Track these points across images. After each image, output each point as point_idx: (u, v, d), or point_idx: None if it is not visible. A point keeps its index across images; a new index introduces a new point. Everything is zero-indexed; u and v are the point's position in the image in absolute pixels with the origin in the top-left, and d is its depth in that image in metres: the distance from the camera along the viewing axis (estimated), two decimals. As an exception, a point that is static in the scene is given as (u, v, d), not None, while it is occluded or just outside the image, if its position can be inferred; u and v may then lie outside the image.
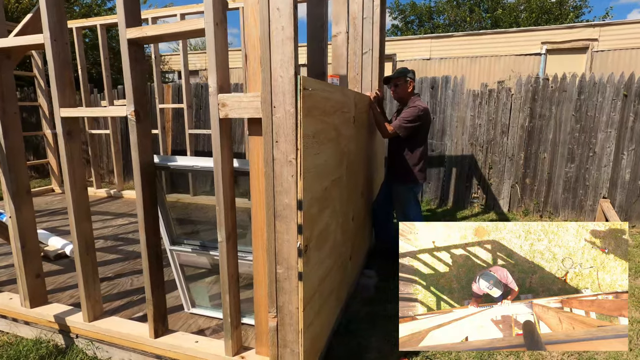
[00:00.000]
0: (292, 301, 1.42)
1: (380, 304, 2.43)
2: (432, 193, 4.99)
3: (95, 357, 1.85)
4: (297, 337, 1.44)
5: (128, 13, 1.43)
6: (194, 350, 1.64)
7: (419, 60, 9.17)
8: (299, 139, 1.28)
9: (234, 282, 1.56)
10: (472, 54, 8.80)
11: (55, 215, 4.10)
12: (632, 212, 4.19)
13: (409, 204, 2.76)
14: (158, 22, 4.57)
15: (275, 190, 1.35)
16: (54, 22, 1.58)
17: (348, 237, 2.22)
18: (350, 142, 2.10)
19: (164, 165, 1.64)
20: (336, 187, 1.83)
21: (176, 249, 1.88)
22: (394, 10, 17.50)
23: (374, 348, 1.98)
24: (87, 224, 1.79)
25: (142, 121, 1.54)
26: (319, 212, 1.54)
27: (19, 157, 1.89)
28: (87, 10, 8.70)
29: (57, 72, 1.62)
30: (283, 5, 1.20)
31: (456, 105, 4.74)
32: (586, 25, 7.92)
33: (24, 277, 1.94)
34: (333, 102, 1.61)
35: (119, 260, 2.80)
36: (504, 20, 15.06)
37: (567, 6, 15.09)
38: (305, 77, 1.27)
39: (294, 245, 1.37)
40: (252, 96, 1.33)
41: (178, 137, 6.13)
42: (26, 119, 6.97)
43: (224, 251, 1.49)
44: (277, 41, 1.23)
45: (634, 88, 3.99)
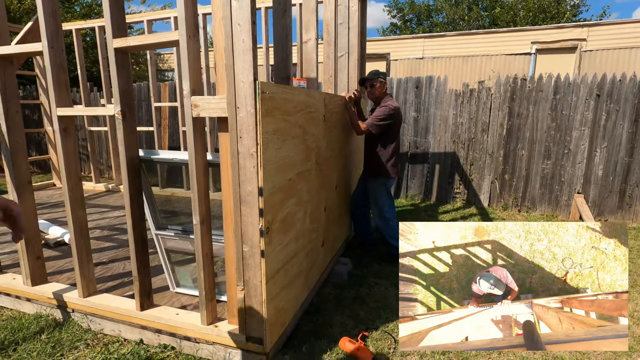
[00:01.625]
0: (257, 276, 1.64)
1: (351, 288, 2.65)
2: (416, 188, 5.20)
3: (89, 328, 2.08)
4: (261, 307, 1.67)
5: (115, 25, 1.65)
6: (174, 321, 1.87)
7: (412, 59, 9.34)
8: (258, 135, 1.49)
9: (208, 260, 1.79)
10: (465, 54, 8.97)
11: (55, 207, 4.34)
12: (605, 206, 4.39)
13: (382, 197, 2.97)
14: (154, 23, 4.78)
15: (240, 180, 1.57)
16: (51, 31, 1.80)
17: (319, 226, 2.43)
18: (320, 139, 2.31)
19: (148, 158, 1.86)
20: (303, 179, 2.04)
21: (161, 233, 2.11)
22: (393, 8, 17.64)
23: (338, 324, 2.20)
24: (81, 212, 2.02)
25: (127, 119, 1.76)
26: (282, 200, 1.76)
27: (21, 152, 2.11)
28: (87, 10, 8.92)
29: (54, 76, 1.84)
30: (243, 22, 1.42)
31: (439, 104, 4.94)
32: (575, 25, 8.07)
33: (26, 259, 2.17)
34: (295, 102, 1.82)
35: (113, 248, 3.03)
36: (501, 18, 15.17)
37: (565, 5, 15.17)
38: (264, 82, 1.48)
39: (256, 227, 1.59)
40: (219, 98, 1.54)
41: (175, 134, 6.36)
42: (28, 116, 7.22)
43: (198, 233, 1.72)
44: (238, 52, 1.45)
45: (606, 88, 4.18)
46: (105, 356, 1.84)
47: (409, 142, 5.13)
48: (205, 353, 1.85)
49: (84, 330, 2.06)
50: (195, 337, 1.84)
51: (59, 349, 1.90)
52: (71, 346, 1.92)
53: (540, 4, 14.87)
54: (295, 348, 1.92)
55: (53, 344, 1.93)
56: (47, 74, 1.83)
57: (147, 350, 1.89)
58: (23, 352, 1.87)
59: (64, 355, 1.87)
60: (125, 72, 1.72)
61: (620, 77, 4.13)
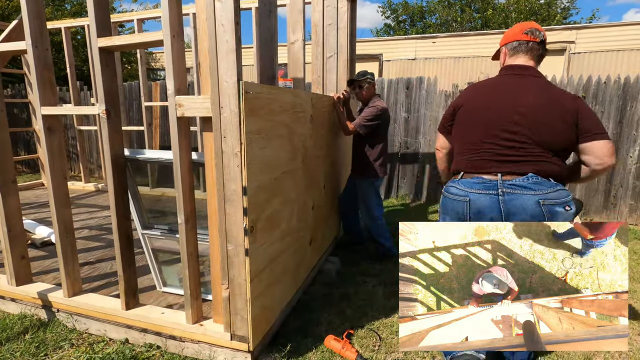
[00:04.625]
0: (241, 274, 1.65)
1: (339, 286, 2.68)
2: (406, 188, 5.24)
3: (74, 328, 2.07)
4: (245, 305, 1.68)
5: (99, 24, 1.65)
6: (159, 320, 1.87)
7: (405, 60, 9.41)
8: (242, 135, 1.51)
9: (193, 259, 1.80)
10: (457, 55, 9.05)
11: (43, 207, 4.30)
12: (590, 206, 4.47)
13: (371, 197, 3.00)
14: (146, 22, 4.76)
15: (225, 179, 1.58)
16: (35, 30, 1.79)
17: (307, 225, 2.45)
18: (307, 139, 2.33)
19: (133, 157, 1.86)
20: (290, 178, 2.06)
21: (148, 233, 2.11)
22: (387, 9, 17.74)
23: (325, 322, 2.22)
24: (66, 210, 2.01)
25: (112, 118, 1.76)
26: (267, 199, 1.78)
27: (6, 151, 2.10)
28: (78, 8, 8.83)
29: (38, 74, 1.84)
30: (226, 22, 1.43)
31: (429, 105, 4.99)
32: (564, 27, 8.19)
33: (10, 259, 2.15)
34: (281, 102, 1.84)
35: (101, 248, 3.02)
36: (493, 20, 15.33)
37: (555, 8, 15.40)
38: (247, 82, 1.49)
39: (240, 226, 1.60)
40: (203, 98, 1.55)
41: (166, 134, 6.33)
42: (17, 115, 7.13)
43: (183, 232, 1.72)
44: (222, 52, 1.46)
45: (592, 90, 4.26)
46: (89, 356, 1.83)
47: (399, 142, 5.17)
48: (191, 352, 1.86)
49: (69, 330, 2.06)
50: (180, 336, 1.85)
51: (43, 349, 1.89)
52: (55, 346, 1.92)
53: (531, 7, 15.08)
54: (281, 346, 1.94)
55: (37, 343, 1.92)
56: (31, 72, 1.83)
57: (133, 349, 1.89)
58: (6, 352, 1.85)
59: (48, 355, 1.86)
60: (110, 71, 1.72)
61: (605, 79, 4.21)
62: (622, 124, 4.19)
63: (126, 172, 1.86)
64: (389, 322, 2.24)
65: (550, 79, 4.39)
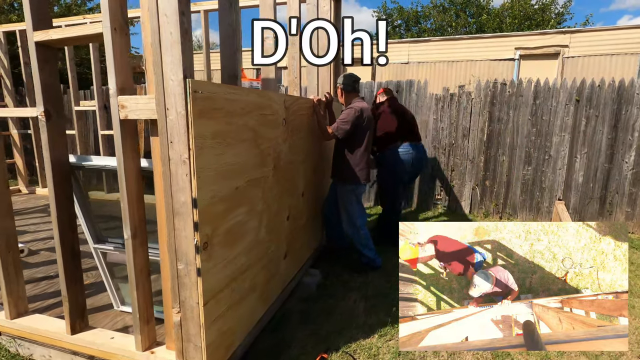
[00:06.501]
0: (193, 296, 1.46)
1: (318, 301, 2.49)
2: (397, 195, 5.07)
3: (18, 353, 1.87)
4: (199, 331, 1.49)
5: (35, 16, 1.47)
6: (107, 346, 1.68)
7: (398, 64, 9.29)
8: (191, 140, 1.33)
9: (143, 277, 1.61)
10: (449, 59, 8.95)
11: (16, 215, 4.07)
12: (585, 213, 4.31)
13: (351, 205, 2.82)
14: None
15: (173, 189, 1.40)
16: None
17: (280, 236, 2.27)
18: (280, 143, 2.16)
19: (79, 164, 1.68)
20: (256, 186, 1.88)
21: (101, 247, 1.92)
22: (382, 14, 17.72)
23: (298, 342, 2.03)
24: (8, 222, 1.82)
25: (53, 121, 1.58)
26: (227, 209, 1.59)
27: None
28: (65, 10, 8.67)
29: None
30: (170, 12, 1.26)
31: (419, 109, 4.84)
32: (557, 31, 8.12)
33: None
34: (244, 104, 1.66)
35: (65, 260, 2.81)
36: (488, 25, 15.33)
37: (550, 13, 15.42)
38: (197, 81, 1.32)
39: (191, 242, 1.42)
40: (148, 98, 1.38)
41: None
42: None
43: (129, 248, 1.54)
44: (166, 46, 1.29)
45: (585, 93, 4.13)
46: (28, 386, 1.64)
47: (389, 147, 5.00)
48: (142, 381, 1.66)
49: (11, 356, 1.85)
50: (130, 363, 1.65)
51: (-23, 378, 1.69)
52: (-8, 374, 1.72)
53: (525, 12, 15.09)
54: (245, 373, 1.75)
55: (-28, 372, 1.72)
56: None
57: (78, 378, 1.69)
58: None
59: (-18, 385, 1.66)
60: (49, 69, 1.54)
61: (599, 83, 4.08)
62: (617, 129, 4.05)
63: (71, 181, 1.67)
64: (368, 343, 2.05)
65: (543, 82, 4.26)
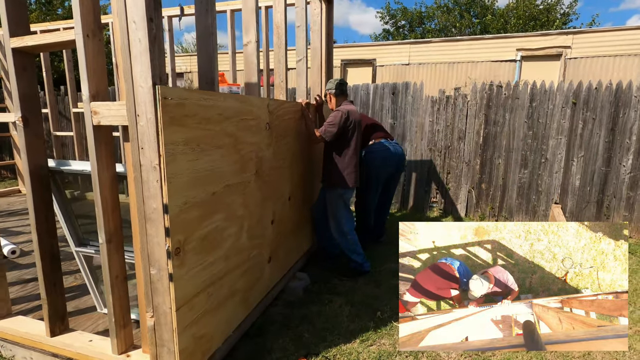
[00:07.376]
0: (166, 302, 1.47)
1: (302, 306, 2.48)
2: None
3: (0, 354, 1.89)
4: (172, 336, 1.49)
5: (12, 22, 1.49)
6: (84, 349, 1.69)
7: (398, 65, 9.25)
8: (161, 146, 1.34)
9: (119, 282, 1.62)
10: (450, 60, 8.89)
11: (12, 215, 4.15)
12: (582, 217, 4.25)
13: (339, 209, 2.81)
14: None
15: (144, 195, 1.41)
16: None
17: (264, 241, 2.27)
18: (263, 148, 2.16)
19: (58, 169, 1.70)
20: (236, 192, 1.88)
21: (83, 250, 1.94)
22: (385, 15, 17.64)
23: (278, 348, 2.03)
24: (-9, 225, 1.84)
25: (31, 126, 1.60)
26: (201, 216, 1.60)
27: None
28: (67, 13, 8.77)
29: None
30: (139, 19, 1.27)
31: (415, 111, 4.81)
32: (559, 32, 8.02)
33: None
34: (221, 109, 1.67)
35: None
36: (492, 26, 15.19)
37: (555, 13, 15.24)
38: (167, 87, 1.33)
39: (163, 248, 1.42)
40: (119, 104, 1.39)
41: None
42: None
43: (104, 253, 1.55)
44: (135, 53, 1.29)
45: (582, 96, 4.07)
46: (6, 388, 1.65)
47: (385, 149, 4.98)
48: (119, 385, 1.67)
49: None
50: (107, 367, 1.67)
51: (-43, 380, 1.71)
52: (-27, 376, 1.74)
53: (530, 12, 14.93)
54: (222, 378, 1.75)
55: (-47, 373, 1.74)
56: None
57: (56, 381, 1.71)
58: None
59: (-38, 386, 1.68)
60: (27, 75, 1.56)
61: (596, 85, 4.02)
62: (615, 132, 3.99)
63: (50, 185, 1.69)
64: (348, 348, 2.04)
65: (539, 84, 4.21)
